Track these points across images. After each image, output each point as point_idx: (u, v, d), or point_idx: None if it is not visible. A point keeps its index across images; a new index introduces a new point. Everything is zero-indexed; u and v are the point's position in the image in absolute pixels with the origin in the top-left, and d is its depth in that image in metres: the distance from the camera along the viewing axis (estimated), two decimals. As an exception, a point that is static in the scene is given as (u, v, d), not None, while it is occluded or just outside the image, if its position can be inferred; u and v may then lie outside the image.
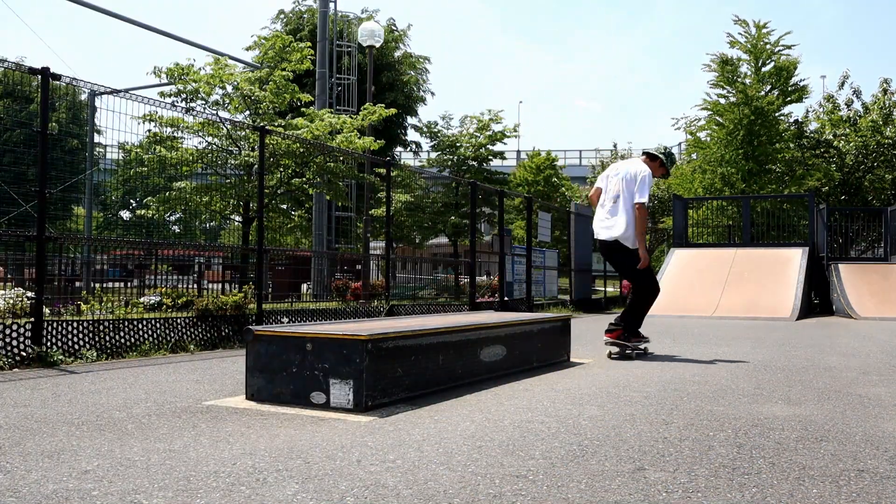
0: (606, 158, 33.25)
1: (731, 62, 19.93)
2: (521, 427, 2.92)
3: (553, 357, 5.12)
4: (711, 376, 4.53)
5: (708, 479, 2.19)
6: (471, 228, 11.40)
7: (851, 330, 9.19)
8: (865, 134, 20.45)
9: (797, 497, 2.03)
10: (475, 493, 2.03)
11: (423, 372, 3.68)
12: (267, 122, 12.30)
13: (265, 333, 3.54)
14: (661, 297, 6.24)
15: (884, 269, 14.16)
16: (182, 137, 11.52)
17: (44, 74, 5.32)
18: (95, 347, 5.43)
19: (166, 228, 14.32)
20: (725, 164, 19.80)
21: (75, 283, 13.43)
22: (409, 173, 20.51)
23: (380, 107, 13.95)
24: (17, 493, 2.01)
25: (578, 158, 48.84)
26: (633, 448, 2.58)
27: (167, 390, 3.90)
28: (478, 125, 22.49)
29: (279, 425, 2.96)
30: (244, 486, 2.07)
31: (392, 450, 2.52)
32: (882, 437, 2.80)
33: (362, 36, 15.62)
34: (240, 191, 11.68)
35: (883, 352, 6.23)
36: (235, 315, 6.76)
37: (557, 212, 17.68)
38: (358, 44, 19.85)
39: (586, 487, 2.10)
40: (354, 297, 13.05)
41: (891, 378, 4.50)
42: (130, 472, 2.22)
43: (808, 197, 16.16)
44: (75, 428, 2.88)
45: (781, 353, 6.08)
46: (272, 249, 10.51)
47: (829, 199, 20.14)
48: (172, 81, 11.61)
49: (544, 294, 14.06)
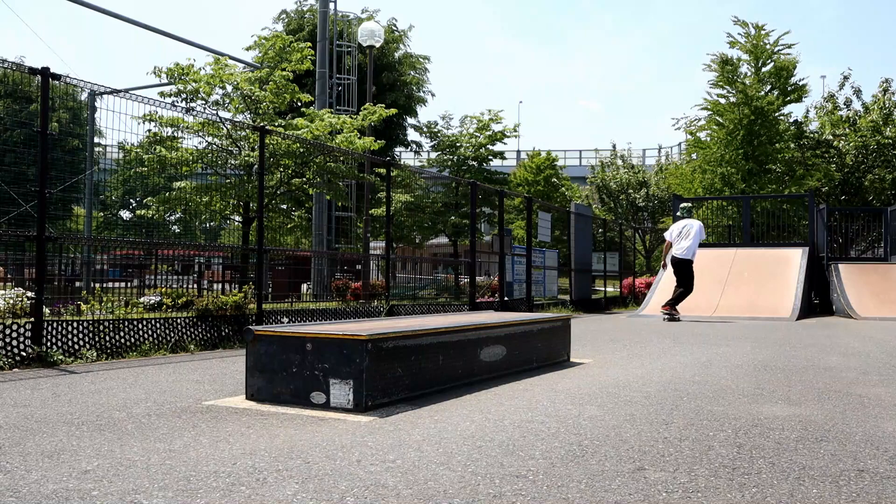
0: (606, 158, 33.26)
1: (731, 62, 19.93)
2: (521, 427, 2.92)
3: (553, 357, 5.12)
4: (711, 376, 4.53)
5: (708, 479, 2.19)
6: (471, 228, 11.40)
7: (851, 330, 9.19)
8: (865, 134, 20.45)
9: (797, 497, 2.03)
10: (475, 493, 2.03)
11: (423, 372, 3.68)
12: (267, 122, 12.29)
13: (265, 333, 3.54)
14: (660, 298, 6.47)
15: (884, 269, 14.15)
16: (182, 137, 11.52)
17: (44, 74, 5.32)
18: (95, 347, 5.43)
19: (166, 228, 14.32)
20: (725, 164, 19.79)
21: (75, 283, 13.43)
22: (409, 173, 20.52)
23: (380, 107, 13.95)
24: (17, 493, 2.01)
25: (578, 158, 48.83)
26: (633, 448, 2.58)
27: (167, 390, 3.90)
28: (478, 125, 22.49)
29: (279, 425, 2.96)
30: (244, 486, 2.07)
31: (392, 450, 2.52)
32: (882, 437, 2.80)
33: (362, 36, 15.62)
34: (240, 191, 11.67)
35: (883, 352, 6.23)
36: (235, 315, 6.76)
37: (557, 212, 17.69)
38: (358, 44, 19.85)
39: (586, 487, 2.10)
40: (354, 297, 13.06)
41: (891, 378, 4.50)
42: (130, 472, 2.22)
43: (807, 197, 16.15)
44: (75, 428, 2.88)
45: (781, 353, 6.08)
46: (272, 249, 10.51)
47: (829, 199, 20.14)
48: (172, 81, 11.61)
49: (544, 294, 14.06)
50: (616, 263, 18.57)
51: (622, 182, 30.95)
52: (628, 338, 7.65)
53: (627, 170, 31.97)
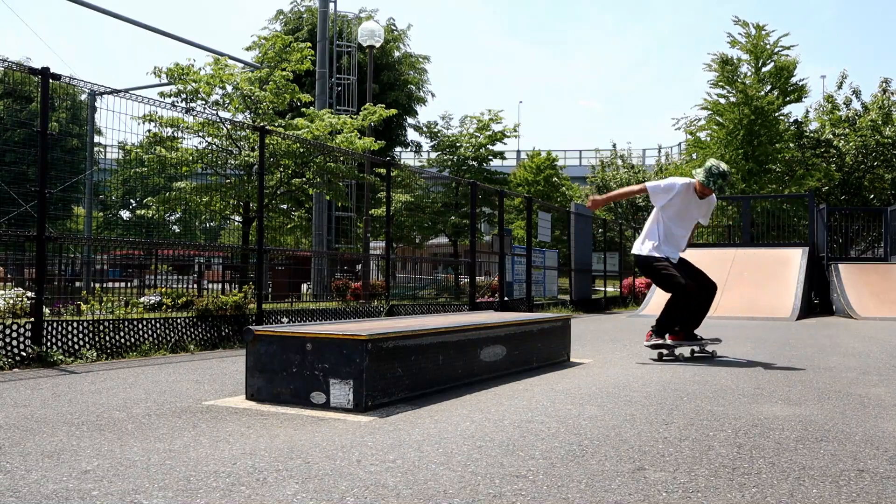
0: (606, 158, 33.27)
1: (731, 62, 19.94)
2: (521, 427, 2.92)
3: (553, 357, 5.12)
4: (711, 376, 4.53)
5: (708, 479, 2.19)
6: (471, 228, 11.40)
7: (851, 330, 9.19)
8: (865, 133, 20.45)
9: (797, 497, 2.03)
10: (475, 493, 2.03)
11: (423, 372, 3.68)
12: (267, 122, 12.29)
13: (265, 333, 3.54)
14: (660, 298, 6.34)
15: (884, 269, 14.15)
16: (182, 137, 11.52)
17: (44, 75, 5.32)
18: (95, 347, 5.43)
19: (166, 228, 14.32)
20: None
21: (75, 283, 13.43)
22: (409, 173, 20.52)
23: (380, 107, 13.95)
24: (17, 492, 2.01)
25: (578, 158, 48.81)
26: (633, 448, 2.57)
27: (167, 390, 3.90)
28: (478, 125, 22.50)
29: (279, 425, 2.96)
30: (244, 486, 2.07)
31: (392, 450, 2.52)
32: (882, 437, 2.80)
33: (362, 36, 15.62)
34: (240, 191, 11.68)
35: (883, 352, 6.23)
36: (235, 315, 6.76)
37: (557, 212, 17.69)
38: (358, 44, 19.85)
39: (586, 487, 2.10)
40: (354, 297, 13.06)
41: (891, 378, 4.50)
42: (130, 472, 2.22)
43: (807, 197, 16.15)
44: (75, 428, 2.88)
45: (781, 353, 6.08)
46: (272, 249, 10.51)
47: (829, 199, 20.14)
48: (172, 81, 11.61)
49: (544, 294, 14.06)
50: (616, 263, 18.57)
51: (622, 182, 30.94)
52: (628, 338, 7.65)
53: (627, 170, 32.00)
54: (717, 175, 5.36)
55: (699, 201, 5.55)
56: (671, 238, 5.58)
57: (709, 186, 5.39)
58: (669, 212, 5.55)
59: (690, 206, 5.55)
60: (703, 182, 5.40)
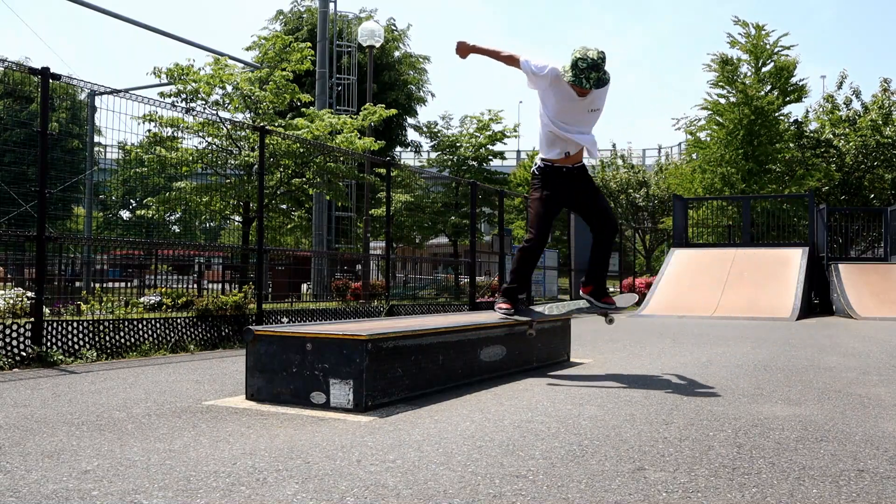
0: (606, 158, 33.24)
1: (731, 62, 19.92)
2: (521, 427, 2.92)
3: (553, 357, 5.12)
4: (711, 376, 4.53)
5: (708, 479, 2.19)
6: (471, 228, 11.40)
7: (851, 330, 9.19)
8: (865, 133, 20.44)
9: (797, 497, 2.03)
10: (475, 493, 2.03)
11: (423, 372, 3.68)
12: (267, 122, 12.29)
13: (265, 333, 3.54)
14: (660, 297, 6.29)
15: (884, 269, 14.15)
16: (182, 137, 11.52)
17: (44, 75, 5.32)
18: (95, 347, 5.43)
19: (166, 228, 14.32)
20: (725, 164, 19.79)
21: (75, 283, 13.43)
22: (409, 173, 20.53)
23: (380, 107, 13.95)
24: (17, 493, 2.01)
25: (578, 158, 48.66)
26: (633, 448, 2.57)
27: (167, 390, 3.90)
28: (478, 125, 22.50)
29: (279, 425, 2.96)
30: (244, 486, 2.07)
31: (392, 450, 2.52)
32: (882, 437, 2.80)
33: (362, 36, 15.62)
34: (240, 191, 11.67)
35: (883, 352, 6.23)
36: (235, 315, 6.76)
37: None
38: (358, 44, 19.85)
39: (586, 487, 2.10)
40: (354, 297, 13.06)
41: (891, 378, 4.50)
42: (130, 472, 2.22)
43: (807, 197, 16.15)
44: (75, 428, 2.88)
45: (781, 353, 6.08)
46: (272, 249, 10.51)
47: (829, 199, 20.13)
48: (172, 81, 11.61)
49: (544, 294, 14.06)
50: (616, 263, 18.56)
51: (622, 182, 30.93)
52: (628, 338, 7.65)
53: (627, 169, 31.96)
54: (587, 69, 4.14)
55: (581, 99, 4.33)
56: (556, 143, 4.47)
57: (583, 86, 4.20)
58: (549, 107, 4.41)
59: (573, 101, 4.35)
60: (572, 82, 4.19)
